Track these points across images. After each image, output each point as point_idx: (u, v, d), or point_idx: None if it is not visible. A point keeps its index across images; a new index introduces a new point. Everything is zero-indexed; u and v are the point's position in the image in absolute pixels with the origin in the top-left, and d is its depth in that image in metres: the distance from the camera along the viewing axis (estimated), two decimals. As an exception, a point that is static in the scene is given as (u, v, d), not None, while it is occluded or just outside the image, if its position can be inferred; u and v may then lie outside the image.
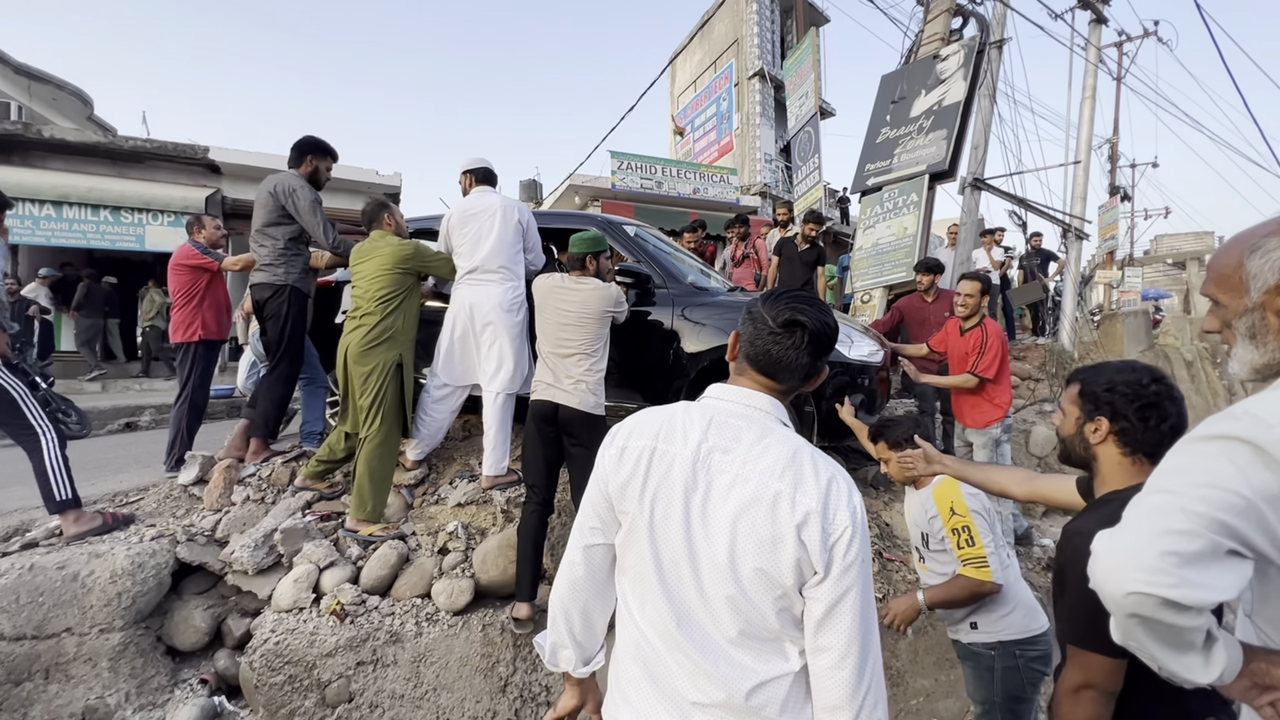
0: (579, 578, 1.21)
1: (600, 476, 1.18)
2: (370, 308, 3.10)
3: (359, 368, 3.07)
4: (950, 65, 5.23)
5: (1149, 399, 1.31)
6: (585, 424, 2.75)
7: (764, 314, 1.16)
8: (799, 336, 1.13)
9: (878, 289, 5.25)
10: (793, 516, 1.02)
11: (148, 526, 2.96)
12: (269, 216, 3.30)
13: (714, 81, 17.14)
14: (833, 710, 1.02)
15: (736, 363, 1.22)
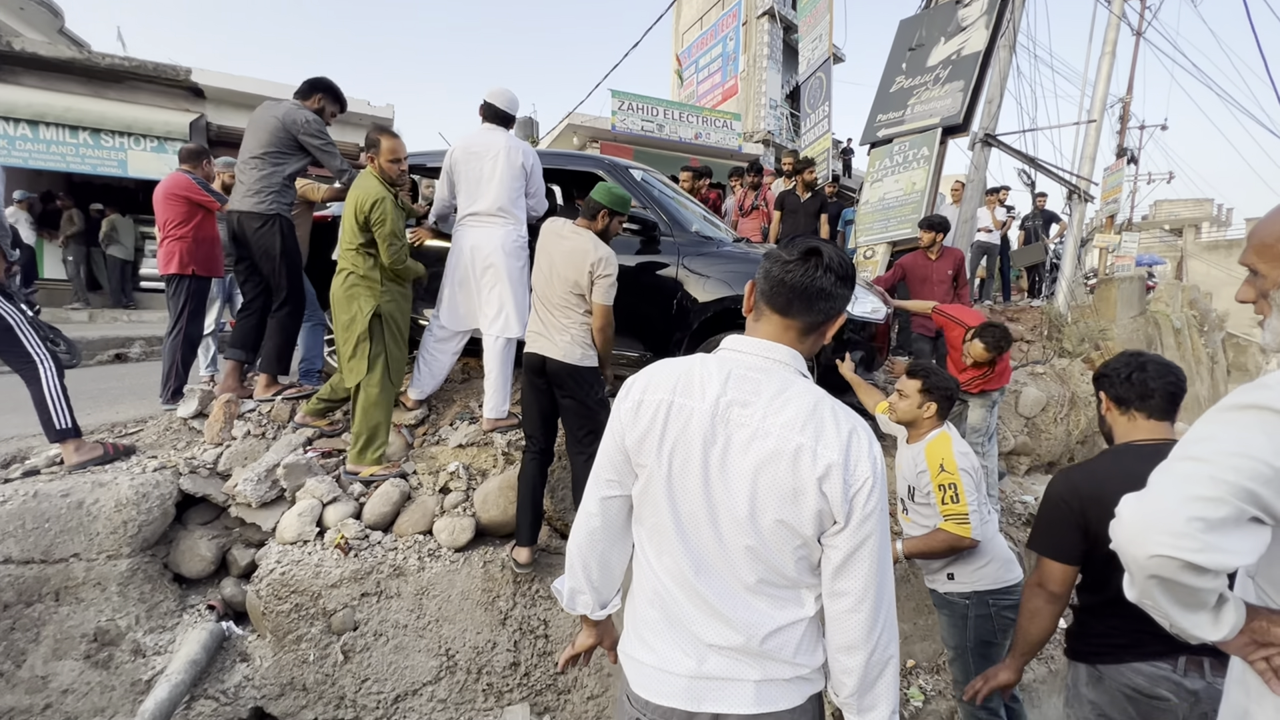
0: (596, 528, 1.23)
1: (616, 429, 1.19)
2: (348, 254, 2.95)
3: (340, 314, 2.96)
4: (973, 11, 5.02)
5: (1129, 364, 1.69)
6: (573, 376, 2.69)
7: (779, 252, 1.17)
8: (814, 262, 1.12)
9: (881, 245, 5.21)
10: (814, 469, 1.04)
11: (149, 458, 2.97)
12: (273, 145, 3.16)
13: (722, 19, 16.37)
14: (848, 650, 1.07)
15: (755, 309, 1.21)
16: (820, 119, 6.43)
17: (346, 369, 2.97)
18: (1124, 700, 1.54)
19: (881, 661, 1.07)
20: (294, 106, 3.24)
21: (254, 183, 3.15)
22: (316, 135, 3.24)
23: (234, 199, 3.22)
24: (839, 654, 1.09)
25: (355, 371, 2.95)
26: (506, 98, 3.32)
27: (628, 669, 1.22)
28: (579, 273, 2.63)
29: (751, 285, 1.23)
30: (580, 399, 2.72)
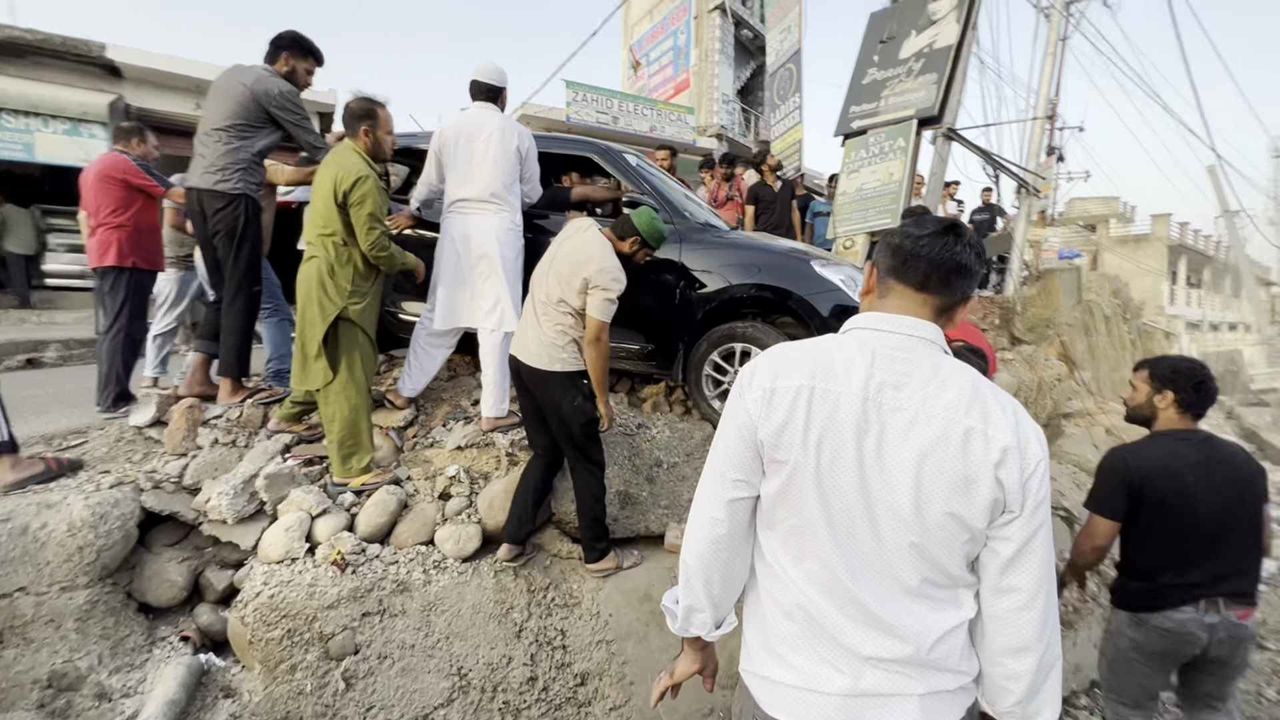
0: (722, 535, 1.08)
1: (744, 423, 1.05)
2: (322, 238, 2.63)
3: (311, 305, 2.63)
4: (943, 6, 5.11)
5: (1197, 373, 2.12)
6: (546, 382, 2.54)
7: (909, 229, 1.09)
8: (952, 237, 1.04)
9: (861, 235, 5.25)
10: (988, 454, 0.94)
11: (100, 473, 2.61)
12: (240, 117, 2.83)
13: (673, 12, 16.32)
14: (1016, 652, 0.98)
15: (881, 285, 1.11)
16: (791, 110, 6.45)
17: (309, 368, 2.66)
18: (1158, 637, 2.06)
19: (1050, 663, 0.99)
20: (265, 74, 2.91)
21: (218, 158, 2.81)
22: (290, 108, 2.93)
23: (193, 175, 2.86)
24: (1004, 658, 1.00)
25: (317, 373, 2.64)
26: (493, 70, 3.11)
27: (759, 690, 1.09)
28: (574, 274, 2.48)
29: (871, 266, 1.15)
30: (555, 405, 2.55)
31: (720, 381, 3.37)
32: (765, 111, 18.15)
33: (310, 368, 2.65)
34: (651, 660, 2.71)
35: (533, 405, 2.67)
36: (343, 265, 2.67)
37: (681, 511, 3.11)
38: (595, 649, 2.65)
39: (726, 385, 3.34)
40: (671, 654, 2.74)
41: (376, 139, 2.77)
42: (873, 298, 1.14)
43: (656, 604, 2.79)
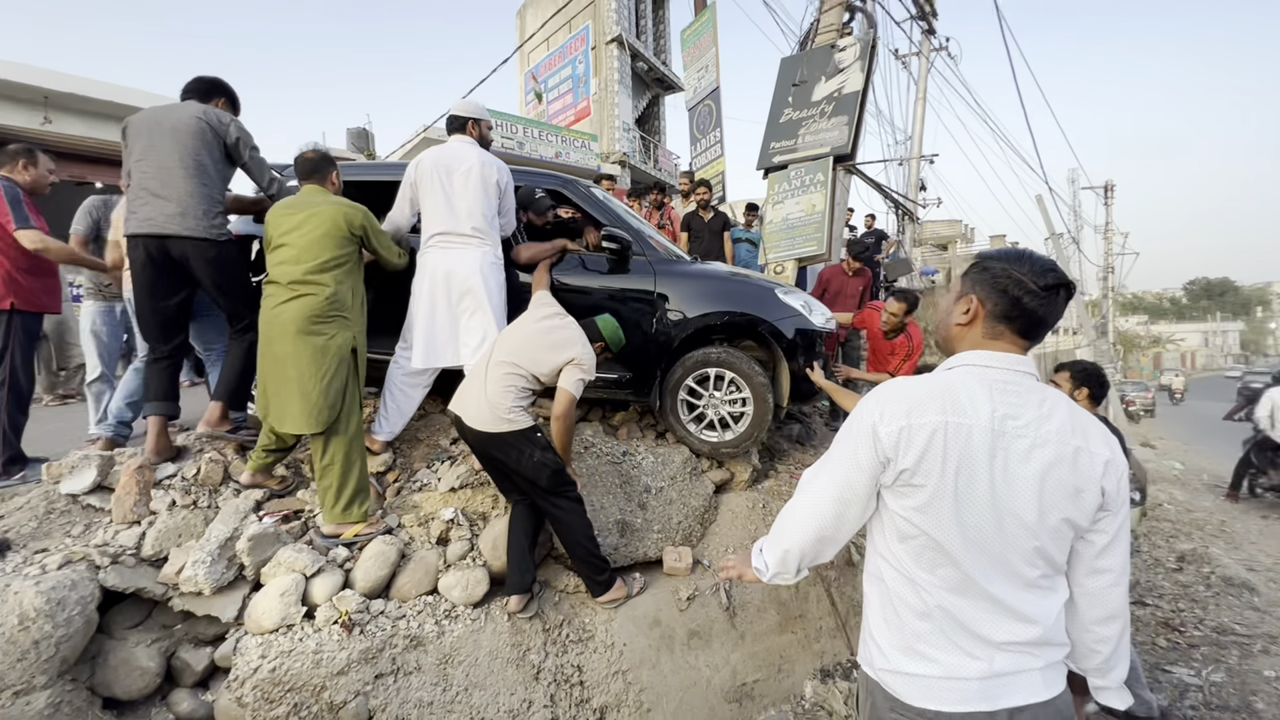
0: (826, 536, 1.28)
1: (871, 456, 1.19)
2: (315, 275, 2.57)
3: (307, 342, 2.53)
4: (848, 56, 5.71)
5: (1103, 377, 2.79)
6: (499, 444, 2.50)
7: (1021, 278, 1.20)
8: (1063, 296, 1.21)
9: (790, 261, 5.67)
10: (1093, 467, 1.14)
11: (37, 552, 2.25)
12: (205, 153, 2.64)
13: (569, 41, 16.64)
14: (1107, 620, 1.20)
15: (986, 325, 1.24)
16: (712, 143, 6.83)
17: (312, 410, 2.51)
18: None
19: (1127, 626, 1.22)
20: (210, 108, 2.72)
21: (194, 200, 2.59)
22: (247, 145, 2.77)
23: (155, 220, 2.57)
24: (1097, 626, 1.21)
25: (321, 414, 2.52)
26: (468, 104, 3.11)
27: (899, 685, 1.22)
28: (554, 352, 2.60)
29: (976, 300, 1.25)
30: (514, 465, 2.52)
31: (694, 405, 3.52)
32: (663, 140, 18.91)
33: (313, 409, 2.50)
34: (665, 685, 2.75)
35: (490, 462, 2.65)
36: (354, 293, 2.72)
37: (674, 535, 3.20)
38: (612, 680, 2.65)
39: (701, 409, 3.49)
40: (683, 678, 2.81)
41: (339, 183, 2.93)
42: (975, 333, 1.26)
43: (666, 629, 2.85)
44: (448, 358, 3.00)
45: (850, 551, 3.64)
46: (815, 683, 3.16)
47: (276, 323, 2.55)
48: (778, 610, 3.20)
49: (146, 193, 2.57)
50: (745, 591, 3.12)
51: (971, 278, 1.29)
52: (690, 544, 3.23)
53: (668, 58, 18.85)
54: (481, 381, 2.55)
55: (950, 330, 1.31)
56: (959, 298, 1.29)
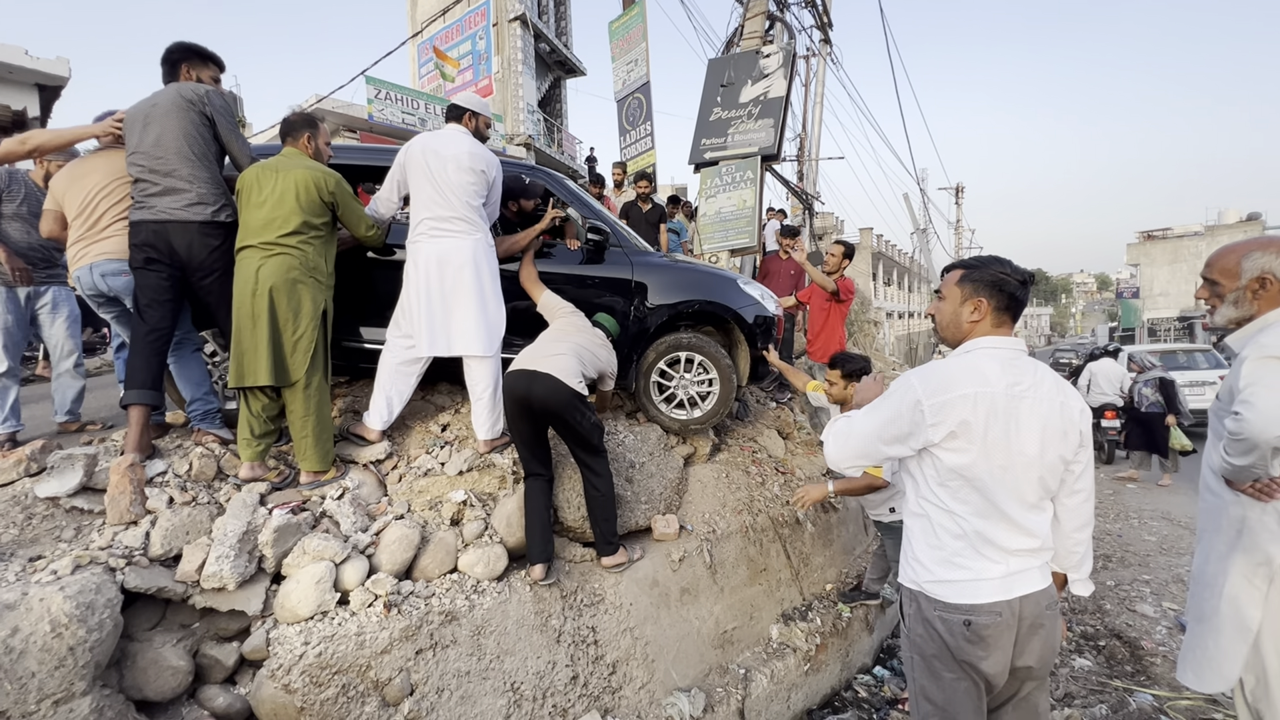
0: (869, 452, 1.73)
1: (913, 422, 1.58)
2: (288, 238, 2.67)
3: (288, 300, 2.66)
4: (772, 64, 6.20)
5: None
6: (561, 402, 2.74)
7: (1008, 279, 1.63)
8: (1030, 285, 1.67)
9: (724, 252, 6.10)
10: (1073, 414, 1.59)
11: (34, 559, 2.09)
12: (198, 135, 2.56)
13: (469, 15, 15.97)
14: (1083, 526, 1.67)
15: (994, 317, 1.64)
16: (643, 136, 7.07)
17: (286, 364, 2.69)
18: None
19: (1091, 533, 1.69)
20: (186, 85, 2.59)
21: (196, 184, 2.54)
22: (228, 121, 2.66)
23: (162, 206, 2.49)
24: (1074, 533, 1.67)
25: (298, 368, 2.71)
26: (469, 96, 3.14)
27: (939, 590, 1.60)
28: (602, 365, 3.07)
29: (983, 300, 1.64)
30: (571, 422, 2.79)
31: (665, 387, 3.82)
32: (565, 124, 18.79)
33: (292, 360, 2.69)
34: (664, 637, 3.06)
35: (532, 428, 2.82)
36: (326, 260, 2.84)
37: (657, 504, 3.49)
38: (622, 637, 2.91)
39: (671, 390, 3.80)
40: (679, 630, 3.14)
41: (318, 147, 2.93)
42: (985, 325, 1.66)
43: (664, 588, 3.15)
44: (440, 346, 3.03)
45: (797, 513, 4.15)
46: (780, 625, 3.62)
47: (252, 281, 2.62)
48: (747, 565, 3.62)
49: (145, 183, 2.45)
50: (723, 550, 3.50)
51: (971, 284, 1.67)
52: (671, 511, 3.54)
53: (569, 40, 18.71)
54: (558, 349, 2.84)
55: (964, 326, 1.69)
56: (964, 300, 1.67)
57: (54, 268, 3.11)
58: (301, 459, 2.73)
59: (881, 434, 1.65)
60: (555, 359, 2.77)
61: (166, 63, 2.71)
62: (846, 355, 3.24)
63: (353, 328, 3.39)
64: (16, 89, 7.64)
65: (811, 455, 4.90)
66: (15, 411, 2.84)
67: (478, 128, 3.15)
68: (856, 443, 1.72)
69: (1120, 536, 5.41)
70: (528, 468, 2.88)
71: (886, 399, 1.69)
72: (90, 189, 2.72)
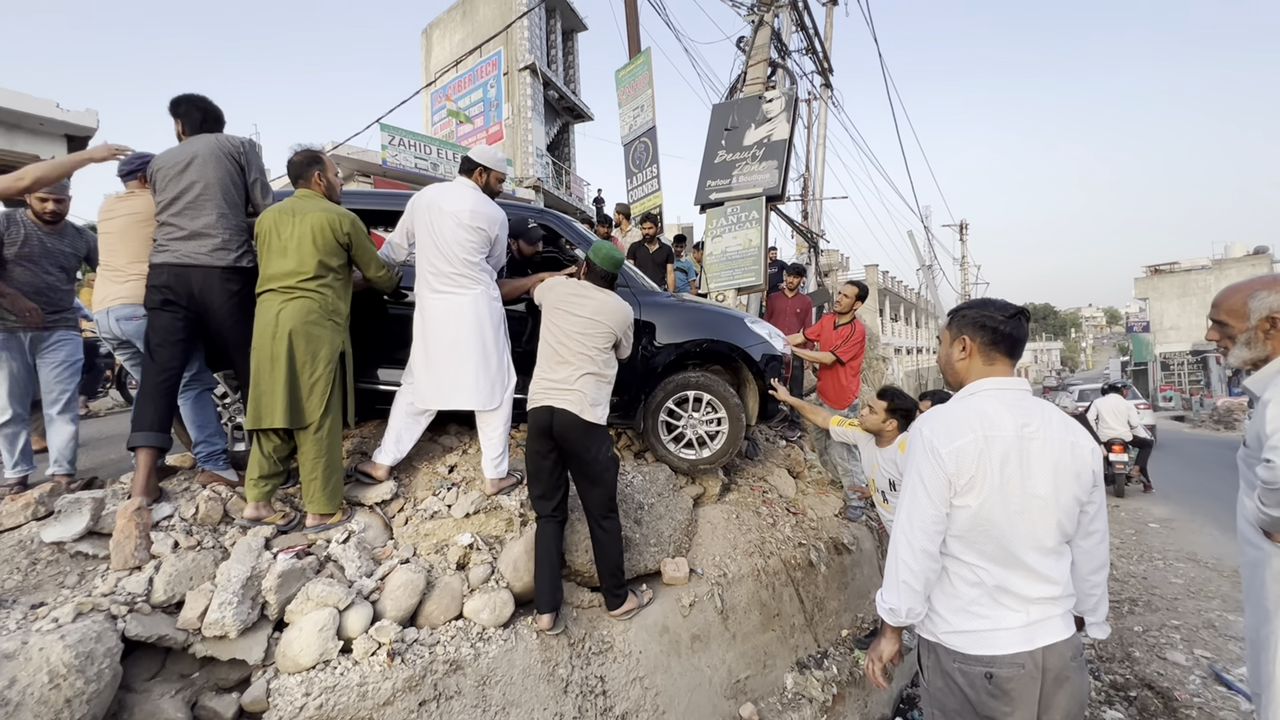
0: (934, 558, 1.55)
1: (941, 478, 1.52)
2: (309, 282, 2.70)
3: (306, 343, 2.68)
4: (775, 108, 6.36)
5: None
6: (584, 432, 2.72)
7: (993, 315, 1.64)
8: (1023, 318, 1.66)
9: (730, 290, 6.14)
10: (1084, 455, 1.56)
11: (35, 607, 2.07)
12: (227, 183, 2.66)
13: (480, 66, 16.61)
14: (1098, 570, 1.62)
15: (985, 356, 1.65)
16: (649, 178, 7.22)
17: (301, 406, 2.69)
18: None
19: (1107, 574, 1.63)
20: (223, 136, 2.70)
21: (223, 231, 2.63)
22: (259, 168, 2.76)
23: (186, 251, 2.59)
24: (1091, 575, 1.62)
25: (313, 410, 2.71)
26: (483, 150, 3.18)
27: (957, 642, 1.55)
28: (621, 327, 2.83)
29: (967, 339, 1.67)
30: (590, 456, 2.75)
31: (674, 426, 3.79)
32: (573, 166, 19.26)
33: (307, 403, 2.70)
34: (675, 687, 2.96)
35: (549, 463, 2.78)
36: (344, 302, 2.88)
37: (667, 547, 3.42)
38: (631, 687, 2.82)
39: (680, 429, 3.77)
40: (690, 680, 3.03)
41: (329, 182, 2.95)
42: (975, 363, 1.67)
43: (675, 635, 3.06)
44: (456, 400, 3.01)
45: (809, 554, 4.06)
46: (795, 674, 3.50)
47: (273, 324, 2.65)
48: (760, 611, 3.52)
49: (172, 227, 2.55)
50: (734, 595, 3.41)
51: (956, 324, 1.70)
52: (681, 554, 3.47)
53: (577, 87, 19.32)
54: (566, 377, 2.75)
55: (955, 366, 1.71)
56: (953, 341, 1.70)
57: (61, 311, 3.01)
58: (309, 501, 2.71)
59: (930, 493, 1.54)
60: (571, 394, 2.72)
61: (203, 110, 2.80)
62: (899, 392, 3.18)
63: (368, 369, 3.41)
64: (47, 140, 7.97)
65: (822, 495, 4.82)
66: (26, 455, 2.83)
67: (488, 182, 3.13)
68: (918, 520, 1.56)
69: (1145, 579, 5.24)
70: (540, 508, 2.81)
71: (909, 462, 1.65)
72: (113, 233, 2.81)
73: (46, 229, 2.95)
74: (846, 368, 4.79)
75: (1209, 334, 1.91)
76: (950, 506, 1.54)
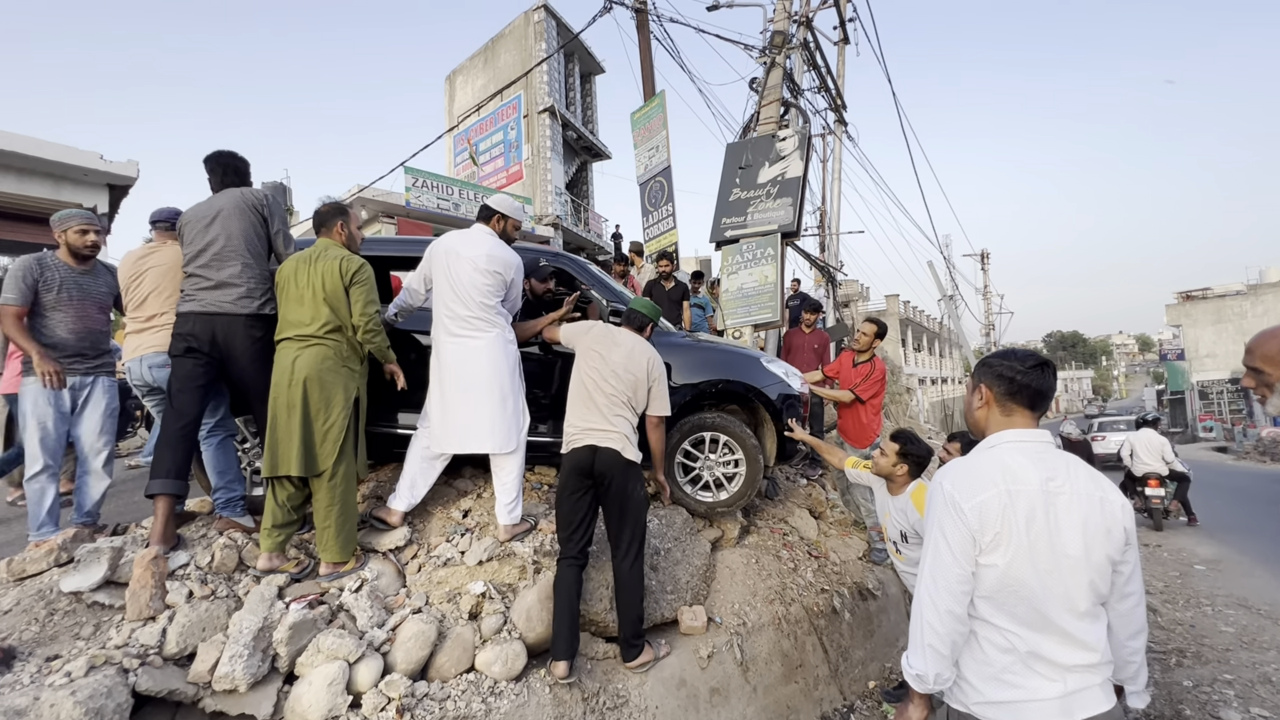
0: (961, 621, 1.47)
1: (964, 535, 1.44)
2: (323, 330, 2.74)
3: (320, 391, 2.71)
4: (788, 146, 6.43)
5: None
6: (624, 470, 2.75)
7: (1012, 365, 1.59)
8: (1048, 370, 1.60)
9: (747, 327, 6.12)
10: (1114, 510, 1.48)
11: (51, 659, 2.07)
12: (252, 235, 2.76)
13: (501, 109, 17.17)
14: (1135, 635, 1.52)
15: (1001, 407, 1.60)
16: (665, 216, 7.30)
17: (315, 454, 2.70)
18: None
19: (1146, 639, 1.53)
20: (248, 189, 2.80)
21: (247, 280, 2.72)
22: (281, 219, 2.84)
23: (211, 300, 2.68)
24: (1129, 640, 1.52)
25: (327, 457, 2.71)
26: (501, 199, 3.26)
27: (988, 713, 1.45)
28: (652, 372, 2.91)
29: (985, 389, 1.62)
30: (628, 493, 2.76)
31: (690, 468, 3.74)
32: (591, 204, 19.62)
33: (320, 450, 2.71)
34: (694, 744, 2.84)
35: (585, 502, 2.76)
36: (359, 349, 2.89)
37: (684, 594, 3.34)
38: (647, 745, 2.71)
39: (696, 470, 3.72)
40: (709, 733, 2.91)
41: (350, 233, 2.99)
42: (993, 413, 1.61)
43: (693, 689, 2.96)
44: (466, 444, 3.02)
45: (833, 600, 3.92)
46: (820, 731, 3.34)
47: (289, 372, 2.68)
48: (781, 661, 3.39)
49: (199, 278, 2.67)
50: (755, 645, 3.29)
51: (978, 373, 1.67)
52: (699, 601, 3.38)
53: (595, 128, 19.81)
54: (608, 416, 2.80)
55: (974, 415, 1.67)
56: (972, 390, 1.67)
57: (102, 355, 2.99)
58: (322, 550, 2.71)
59: (954, 551, 1.46)
60: (612, 434, 2.77)
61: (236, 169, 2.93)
62: (913, 436, 3.09)
63: (389, 413, 3.44)
64: (90, 189, 8.40)
65: (845, 536, 4.69)
66: (53, 515, 2.79)
67: (505, 230, 3.19)
68: (942, 580, 1.47)
69: (1194, 627, 4.95)
70: (567, 549, 2.75)
71: (930, 517, 1.58)
72: (146, 285, 2.92)
73: (80, 268, 2.92)
74: (867, 406, 4.71)
75: (1244, 380, 1.83)
76: (976, 565, 1.47)
